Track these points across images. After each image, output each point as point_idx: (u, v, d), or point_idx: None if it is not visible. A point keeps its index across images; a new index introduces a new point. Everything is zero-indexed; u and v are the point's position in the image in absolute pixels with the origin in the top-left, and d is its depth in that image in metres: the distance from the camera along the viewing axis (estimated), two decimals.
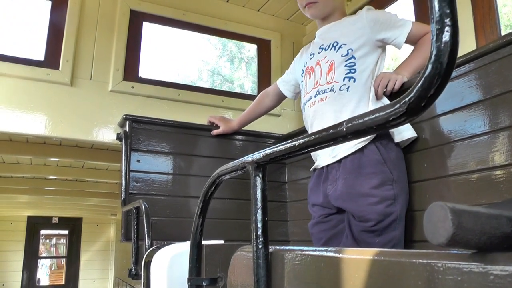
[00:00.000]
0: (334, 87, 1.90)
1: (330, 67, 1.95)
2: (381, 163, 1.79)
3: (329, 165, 1.90)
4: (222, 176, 0.90)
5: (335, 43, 1.98)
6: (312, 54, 2.10)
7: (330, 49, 1.99)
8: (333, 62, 1.94)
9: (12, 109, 2.64)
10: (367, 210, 1.74)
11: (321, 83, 1.96)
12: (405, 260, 0.49)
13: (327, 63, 1.97)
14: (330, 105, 1.90)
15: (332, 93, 1.90)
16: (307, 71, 2.09)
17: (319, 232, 1.96)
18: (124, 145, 2.53)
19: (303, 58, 2.23)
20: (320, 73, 1.98)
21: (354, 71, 1.90)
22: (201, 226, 1.03)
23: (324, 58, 2.00)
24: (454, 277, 0.43)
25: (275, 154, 0.72)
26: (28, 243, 10.54)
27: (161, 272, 1.26)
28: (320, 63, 2.01)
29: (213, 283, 1.07)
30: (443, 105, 1.91)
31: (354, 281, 0.57)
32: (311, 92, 2.00)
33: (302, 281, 0.69)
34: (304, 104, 2.05)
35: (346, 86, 1.88)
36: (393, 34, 1.94)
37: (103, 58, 2.92)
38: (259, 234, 0.75)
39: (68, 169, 4.76)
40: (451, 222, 0.39)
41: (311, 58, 2.10)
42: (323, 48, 2.04)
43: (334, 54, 1.96)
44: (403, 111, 0.50)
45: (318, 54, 2.04)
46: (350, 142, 1.72)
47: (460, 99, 1.85)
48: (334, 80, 1.91)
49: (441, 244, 0.40)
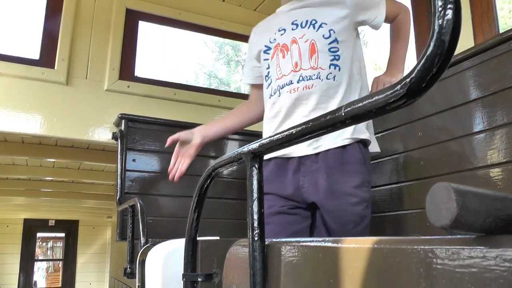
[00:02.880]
0: (321, 74, 1.70)
1: (312, 49, 1.73)
2: (362, 162, 1.69)
3: (304, 156, 1.70)
4: (217, 168, 0.89)
5: (314, 21, 1.75)
6: (283, 29, 1.82)
7: (308, 26, 1.76)
8: (314, 43, 1.72)
9: (7, 109, 2.62)
10: (348, 210, 1.63)
11: (303, 67, 1.72)
12: (407, 247, 0.48)
13: (307, 42, 1.73)
14: (316, 94, 1.69)
15: (319, 81, 1.69)
16: (278, 49, 1.81)
17: (280, 224, 1.71)
18: (119, 144, 2.51)
19: (264, 35, 1.91)
20: (299, 54, 1.74)
21: (338, 58, 1.72)
22: (197, 221, 1.01)
23: (302, 36, 1.75)
24: (458, 262, 0.41)
25: (272, 144, 0.70)
26: (24, 245, 10.49)
27: (156, 269, 1.24)
28: (297, 42, 1.75)
29: (208, 279, 1.05)
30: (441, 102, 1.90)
31: (353, 270, 0.55)
32: (291, 76, 1.74)
33: (299, 273, 0.67)
34: (281, 88, 1.76)
35: (333, 75, 1.70)
36: (372, 13, 1.80)
37: (98, 57, 2.90)
38: (255, 226, 0.73)
39: (64, 170, 4.74)
40: (455, 203, 0.37)
41: (282, 34, 1.82)
42: (298, 24, 1.78)
43: (314, 33, 1.74)
44: (404, 92, 0.48)
45: (293, 30, 1.78)
46: (334, 134, 1.63)
47: (458, 97, 1.84)
48: (320, 66, 1.70)
49: (444, 226, 0.38)
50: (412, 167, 2.01)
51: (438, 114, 1.92)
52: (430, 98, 1.94)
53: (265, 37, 1.89)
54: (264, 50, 1.87)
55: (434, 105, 1.93)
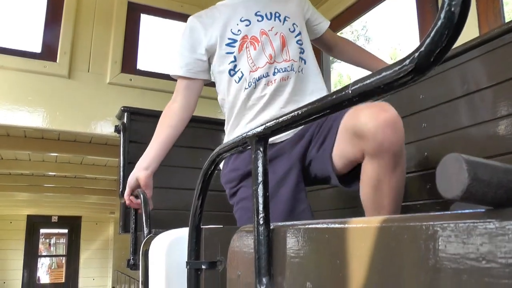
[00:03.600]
0: (294, 66, 1.71)
1: (282, 42, 1.72)
2: None
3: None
4: (222, 154, 0.88)
5: (277, 14, 1.76)
6: (247, 20, 1.75)
7: (274, 19, 1.75)
8: (284, 36, 1.73)
9: (10, 102, 2.62)
10: None
11: (277, 59, 1.70)
12: (415, 223, 0.47)
13: (277, 35, 1.73)
14: (290, 86, 1.69)
15: (293, 73, 1.70)
16: (247, 41, 1.74)
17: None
18: (122, 137, 2.51)
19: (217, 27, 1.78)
20: (271, 46, 1.71)
21: (303, 51, 1.76)
22: (200, 208, 1.01)
23: (271, 28, 1.73)
24: (470, 237, 0.40)
25: (277, 126, 0.70)
26: (28, 241, 10.54)
27: (159, 258, 1.24)
28: (267, 34, 1.73)
29: (212, 266, 1.04)
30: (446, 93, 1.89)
31: (361, 250, 0.54)
32: (266, 68, 1.69)
33: (305, 256, 0.66)
34: (257, 80, 1.70)
35: (301, 67, 1.73)
36: (319, 17, 1.95)
37: (101, 50, 2.90)
38: (260, 209, 0.73)
39: (67, 165, 4.74)
40: (466, 173, 0.37)
41: (247, 25, 1.75)
42: (262, 16, 1.75)
43: (281, 26, 1.75)
44: (412, 67, 0.47)
45: (259, 22, 1.75)
46: None
47: (462, 87, 1.83)
48: (292, 58, 1.71)
49: (455, 197, 0.37)
50: (417, 158, 2.00)
51: (442, 104, 1.90)
52: (435, 89, 1.93)
53: (221, 29, 1.77)
54: (227, 43, 1.76)
55: (439, 96, 1.92)
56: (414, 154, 2.01)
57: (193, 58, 1.82)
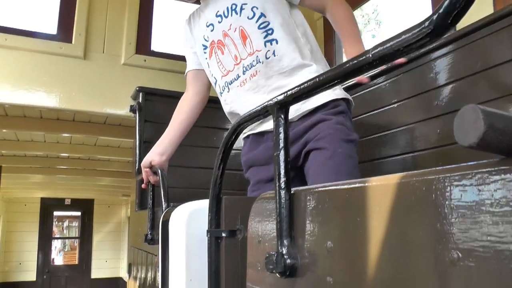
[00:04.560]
0: (259, 57, 1.62)
1: (243, 36, 1.65)
2: None
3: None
4: (243, 124, 0.91)
5: (233, 5, 1.66)
6: (211, 25, 1.74)
7: (231, 13, 1.68)
8: (243, 28, 1.64)
9: (27, 83, 2.67)
10: None
11: (242, 57, 1.65)
12: (433, 176, 0.50)
13: (236, 31, 1.66)
14: (263, 78, 1.63)
15: (260, 64, 1.62)
16: (215, 46, 1.74)
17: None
18: (138, 117, 2.55)
19: (195, 33, 1.85)
20: (235, 46, 1.67)
21: (271, 31, 1.62)
22: (221, 178, 1.04)
23: (230, 26, 1.67)
24: (485, 185, 0.43)
25: (298, 93, 0.73)
26: (42, 224, 10.72)
27: (179, 229, 1.28)
28: (228, 34, 1.68)
29: (232, 235, 1.08)
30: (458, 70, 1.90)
31: (381, 207, 0.58)
32: (236, 70, 1.68)
33: (326, 217, 0.69)
34: (229, 84, 1.71)
35: (271, 51, 1.61)
36: None
37: (115, 31, 2.93)
38: (282, 174, 0.76)
39: (80, 147, 4.80)
40: (482, 121, 0.40)
41: (211, 30, 1.74)
42: (221, 16, 1.70)
43: (238, 18, 1.66)
44: (431, 28, 0.50)
45: (220, 23, 1.71)
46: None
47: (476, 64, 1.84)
48: (256, 49, 1.62)
49: (472, 144, 0.40)
50: (429, 136, 2.02)
51: (455, 82, 1.92)
52: (446, 66, 1.94)
53: (198, 33, 1.82)
54: (202, 49, 1.80)
55: (451, 73, 1.93)
56: (426, 131, 2.03)
57: (191, 52, 1.91)
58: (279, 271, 0.75)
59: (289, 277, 0.75)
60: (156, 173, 1.88)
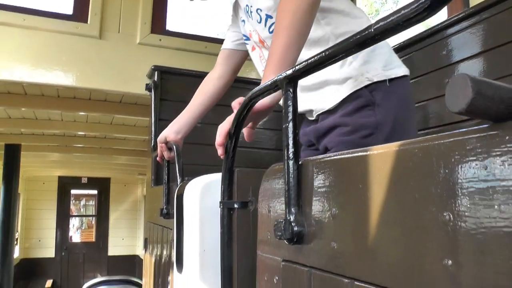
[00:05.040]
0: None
1: (260, 40, 1.55)
2: None
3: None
4: (254, 98, 0.94)
5: (247, 7, 1.54)
6: (243, 21, 1.64)
7: (248, 16, 1.56)
8: (258, 33, 1.54)
9: (44, 62, 2.73)
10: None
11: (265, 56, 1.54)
12: (429, 143, 0.53)
13: (257, 35, 1.56)
14: None
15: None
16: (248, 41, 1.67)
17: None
18: (153, 95, 2.59)
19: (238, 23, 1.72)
20: (260, 48, 1.59)
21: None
22: (233, 151, 1.08)
23: (252, 29, 1.57)
24: (475, 148, 0.47)
25: (306, 68, 0.76)
26: (59, 202, 10.93)
27: (193, 201, 1.33)
28: (252, 36, 1.60)
29: (244, 206, 1.12)
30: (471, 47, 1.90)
31: (381, 173, 0.61)
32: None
33: (330, 185, 0.73)
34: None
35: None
36: None
37: (130, 11, 2.97)
38: (290, 145, 0.80)
39: (97, 125, 4.88)
40: (470, 88, 0.43)
41: (244, 25, 1.64)
42: (245, 16, 1.60)
43: (252, 22, 1.55)
44: (428, 3, 0.52)
45: (245, 24, 1.62)
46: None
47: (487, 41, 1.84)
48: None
49: (461, 110, 0.44)
50: (442, 113, 2.03)
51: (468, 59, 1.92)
52: (459, 44, 1.95)
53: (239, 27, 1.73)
54: (244, 39, 1.69)
55: (464, 50, 1.94)
56: (437, 109, 2.05)
57: (233, 30, 1.83)
58: (287, 238, 0.79)
59: (297, 243, 0.79)
60: (171, 149, 1.93)
